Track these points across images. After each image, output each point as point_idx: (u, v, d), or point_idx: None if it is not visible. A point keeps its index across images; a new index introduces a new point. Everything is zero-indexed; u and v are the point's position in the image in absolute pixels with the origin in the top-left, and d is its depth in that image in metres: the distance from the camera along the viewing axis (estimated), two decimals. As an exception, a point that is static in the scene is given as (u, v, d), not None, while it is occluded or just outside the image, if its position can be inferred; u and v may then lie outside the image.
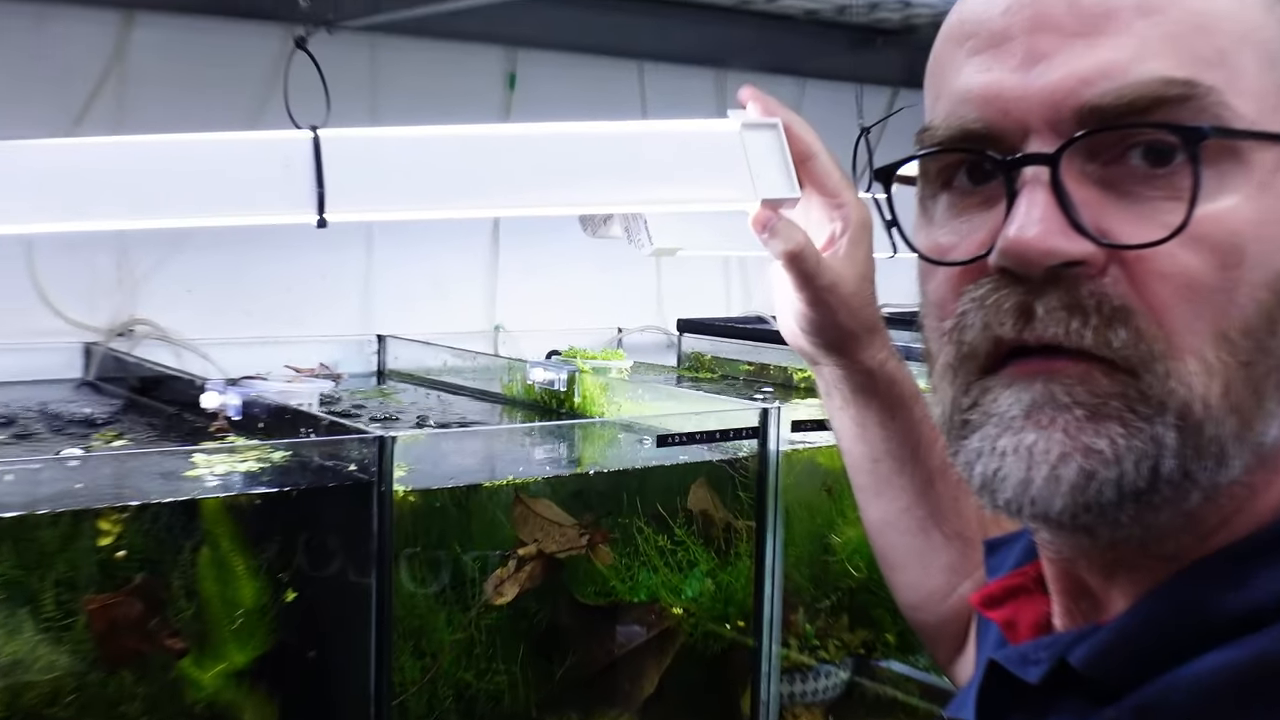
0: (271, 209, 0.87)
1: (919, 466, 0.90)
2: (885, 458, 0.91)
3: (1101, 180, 0.53)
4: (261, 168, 0.87)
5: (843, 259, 0.87)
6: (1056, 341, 0.52)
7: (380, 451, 1.32)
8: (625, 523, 1.66)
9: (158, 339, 2.24)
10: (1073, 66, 0.53)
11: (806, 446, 1.74)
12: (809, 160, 0.89)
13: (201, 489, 1.32)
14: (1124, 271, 0.52)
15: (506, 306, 2.62)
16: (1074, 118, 0.53)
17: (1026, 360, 0.54)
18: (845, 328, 0.87)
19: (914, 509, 0.90)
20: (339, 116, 2.14)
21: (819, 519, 1.83)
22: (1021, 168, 0.53)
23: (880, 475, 0.92)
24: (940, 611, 0.90)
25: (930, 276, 0.59)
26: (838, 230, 0.88)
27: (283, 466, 1.38)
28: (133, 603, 1.30)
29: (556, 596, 1.62)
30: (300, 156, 0.86)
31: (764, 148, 0.92)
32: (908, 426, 0.90)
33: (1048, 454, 0.52)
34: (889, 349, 0.90)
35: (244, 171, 0.87)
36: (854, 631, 1.87)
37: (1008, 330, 0.54)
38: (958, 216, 0.58)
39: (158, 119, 2.17)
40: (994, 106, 0.55)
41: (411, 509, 1.46)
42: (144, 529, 1.32)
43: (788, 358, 2.40)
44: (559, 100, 2.65)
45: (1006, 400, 0.54)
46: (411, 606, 1.47)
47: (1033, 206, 0.52)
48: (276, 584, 1.36)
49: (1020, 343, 0.54)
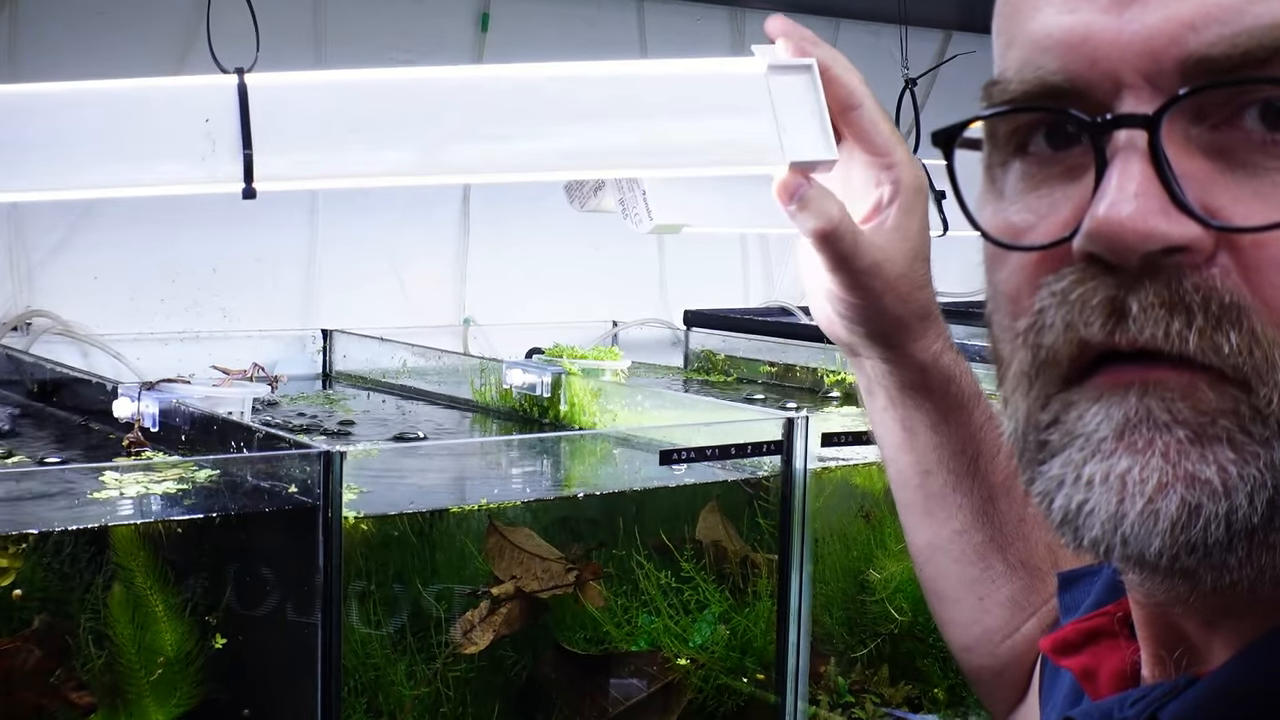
0: (185, 178, 0.85)
1: (978, 481, 0.90)
2: (938, 469, 0.91)
3: (1210, 147, 0.53)
4: (172, 124, 0.85)
5: (890, 232, 0.87)
6: (1154, 346, 0.52)
7: (326, 470, 1.33)
8: (621, 556, 1.68)
9: (59, 334, 2.26)
10: (1175, 7, 0.52)
11: (840, 464, 1.75)
12: (852, 110, 0.89)
13: (113, 514, 1.34)
14: (1236, 260, 0.51)
15: (478, 295, 2.63)
16: (1177, 70, 0.52)
17: (1118, 368, 0.53)
18: (892, 315, 0.87)
19: (970, 532, 0.91)
20: (275, 66, 2.15)
21: (854, 551, 1.84)
22: (1113, 131, 0.53)
23: (931, 491, 0.92)
24: (999, 654, 0.91)
25: (1000, 264, 0.59)
26: (885, 196, 0.88)
27: (210, 487, 1.39)
28: (30, 650, 1.32)
29: (538, 644, 1.63)
30: (222, 109, 0.84)
31: (795, 96, 0.91)
32: (966, 433, 0.90)
33: (1144, 484, 0.51)
34: (945, 340, 0.90)
35: (150, 128, 0.85)
36: (896, 686, 1.88)
37: (1095, 332, 0.53)
38: (1034, 190, 0.58)
39: (56, 64, 2.19)
40: (1079, 55, 0.54)
41: (364, 538, 1.47)
42: (44, 562, 1.34)
43: (818, 357, 2.41)
44: (540, 45, 2.67)
45: (1094, 418, 0.53)
46: (365, 655, 1.48)
47: (1127, 179, 0.52)
48: (203, 627, 1.37)
49: (1111, 347, 0.53)
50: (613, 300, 2.76)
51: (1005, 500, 0.90)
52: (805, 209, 0.85)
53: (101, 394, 1.75)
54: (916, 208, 0.88)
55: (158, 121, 0.85)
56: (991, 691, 0.93)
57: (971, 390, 0.91)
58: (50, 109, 0.84)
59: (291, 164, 0.86)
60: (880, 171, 0.88)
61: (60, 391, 1.91)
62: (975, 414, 0.90)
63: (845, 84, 0.89)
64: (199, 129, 0.84)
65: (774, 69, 0.91)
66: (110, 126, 0.84)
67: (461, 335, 2.64)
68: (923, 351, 0.89)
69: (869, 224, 0.88)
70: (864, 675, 1.87)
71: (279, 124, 0.85)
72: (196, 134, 0.84)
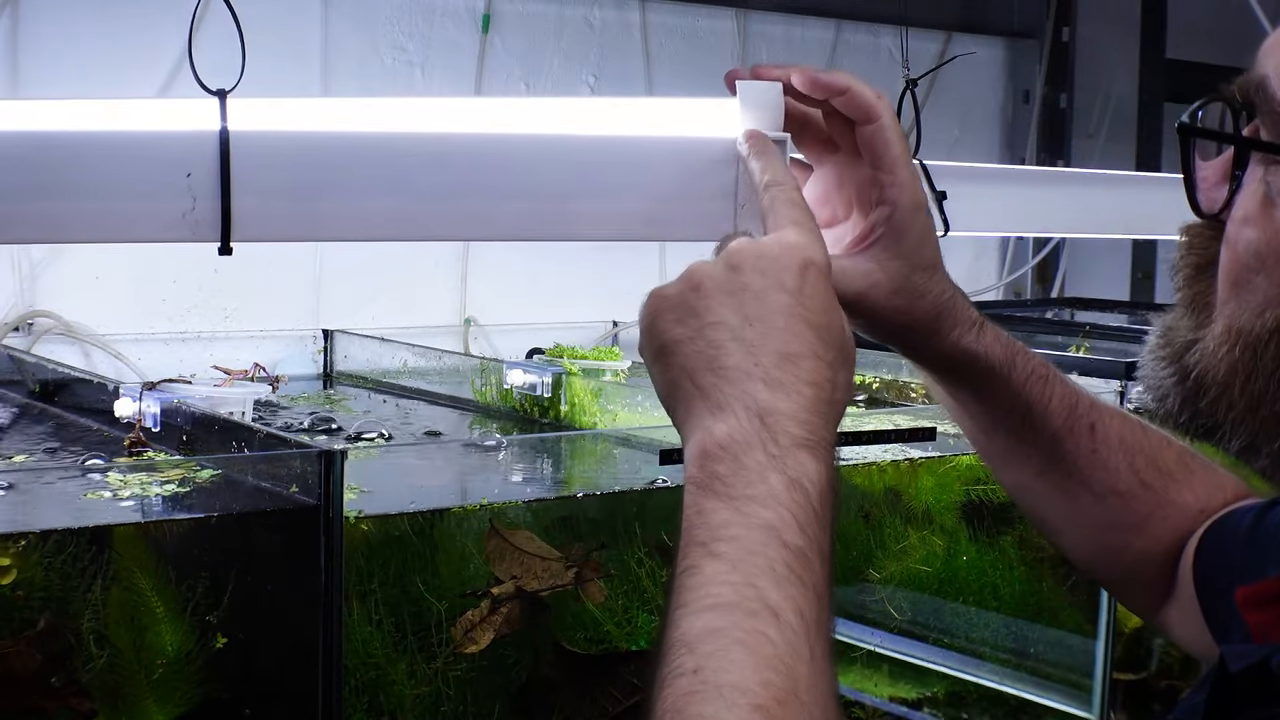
0: (167, 235, 0.87)
1: (1037, 433, 0.96)
2: (997, 430, 0.98)
3: None
4: (155, 177, 0.85)
5: (879, 253, 0.89)
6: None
7: (327, 470, 1.33)
8: (622, 555, 1.67)
9: (61, 334, 2.26)
10: None
11: (840, 464, 1.75)
12: (869, 124, 0.90)
13: (115, 514, 1.34)
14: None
15: (479, 296, 2.63)
16: None
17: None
18: (894, 327, 0.91)
19: (1048, 473, 0.98)
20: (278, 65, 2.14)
21: (854, 551, 1.84)
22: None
23: (999, 446, 0.99)
24: (1122, 566, 0.99)
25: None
26: (881, 216, 0.90)
27: (211, 487, 1.39)
28: (30, 652, 1.32)
29: (539, 644, 1.63)
30: (203, 164, 0.85)
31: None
32: (1008, 396, 0.95)
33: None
34: (964, 325, 0.93)
35: (133, 182, 0.85)
36: (895, 684, 1.88)
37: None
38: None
39: (56, 64, 2.18)
40: None
41: (365, 538, 1.47)
42: (45, 563, 1.34)
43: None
44: (541, 48, 2.67)
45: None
46: (365, 655, 1.48)
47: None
48: (204, 628, 1.37)
49: None
50: (613, 301, 2.76)
51: (1070, 440, 0.96)
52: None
53: (103, 394, 1.75)
54: (913, 225, 0.90)
55: (141, 174, 0.86)
56: (1126, 595, 1.04)
57: (1003, 357, 0.94)
58: (36, 155, 0.84)
59: (270, 222, 0.87)
60: (881, 189, 0.90)
61: (62, 392, 1.91)
62: (1014, 376, 0.95)
63: (866, 99, 0.90)
64: (181, 184, 0.85)
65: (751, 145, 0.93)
66: (94, 179, 0.85)
67: (462, 335, 2.64)
68: (939, 346, 0.93)
69: (858, 248, 0.90)
70: (863, 674, 1.87)
71: (259, 180, 0.86)
72: (179, 189, 0.85)
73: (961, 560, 1.89)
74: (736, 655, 0.62)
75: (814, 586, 0.66)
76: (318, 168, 0.88)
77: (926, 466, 1.85)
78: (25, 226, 0.85)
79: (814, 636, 0.64)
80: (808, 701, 0.62)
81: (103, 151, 0.85)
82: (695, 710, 0.60)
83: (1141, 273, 3.55)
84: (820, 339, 0.74)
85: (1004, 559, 1.92)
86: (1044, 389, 0.96)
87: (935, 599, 1.87)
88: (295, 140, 0.89)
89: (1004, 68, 3.48)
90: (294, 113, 0.90)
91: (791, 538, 0.67)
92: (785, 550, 0.66)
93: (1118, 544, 0.98)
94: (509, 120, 0.94)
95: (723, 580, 0.65)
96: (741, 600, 0.64)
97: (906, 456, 1.83)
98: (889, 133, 0.90)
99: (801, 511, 0.69)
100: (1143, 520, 0.97)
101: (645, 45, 2.81)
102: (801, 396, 0.72)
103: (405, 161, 0.90)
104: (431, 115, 0.92)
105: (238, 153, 0.86)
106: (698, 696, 0.61)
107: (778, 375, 0.72)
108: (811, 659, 0.63)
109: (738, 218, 0.95)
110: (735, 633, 0.63)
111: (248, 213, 0.86)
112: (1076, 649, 1.96)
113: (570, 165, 0.94)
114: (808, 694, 0.62)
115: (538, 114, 0.95)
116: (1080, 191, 2.11)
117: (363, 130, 0.90)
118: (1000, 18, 3.43)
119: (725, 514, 0.68)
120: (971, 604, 1.90)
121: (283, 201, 0.88)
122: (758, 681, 0.61)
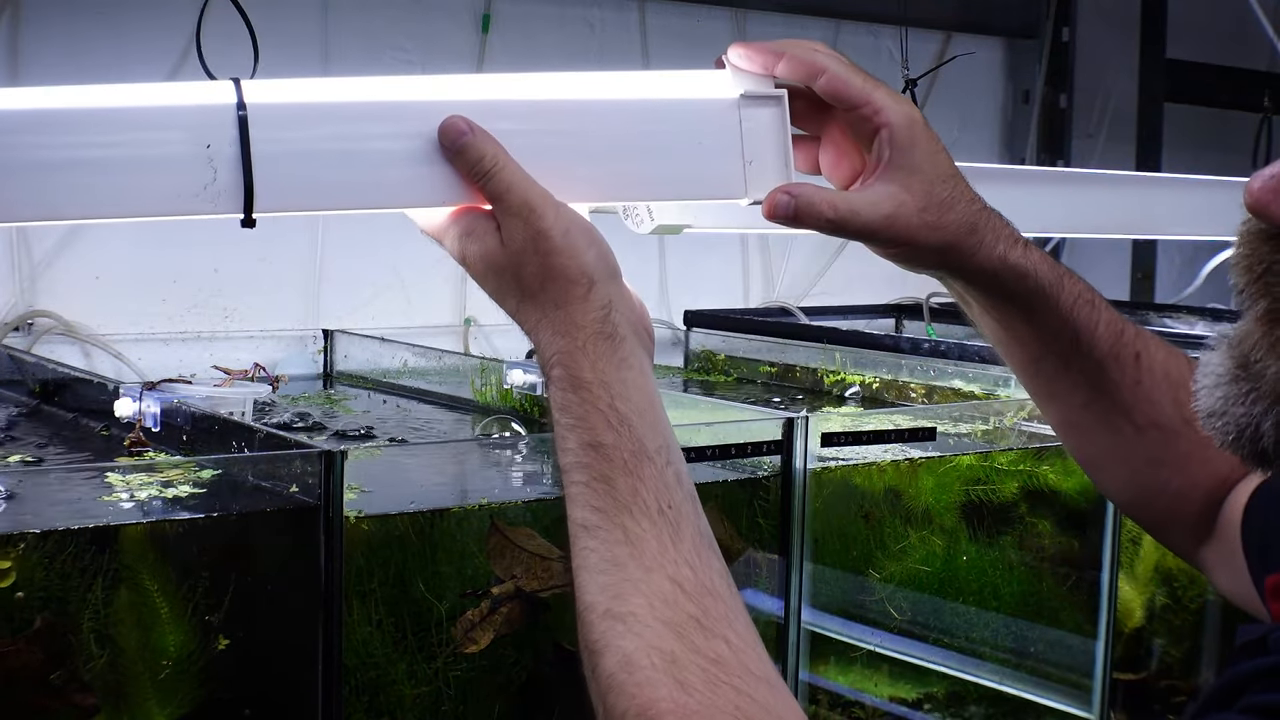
0: (187, 207, 0.86)
1: (1083, 357, 0.96)
2: (1046, 355, 0.98)
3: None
4: (174, 150, 0.85)
5: (894, 172, 0.90)
6: None
7: (327, 469, 1.33)
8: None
9: (61, 334, 2.26)
10: None
11: (840, 464, 1.75)
12: (817, 78, 0.92)
13: (115, 514, 1.34)
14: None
15: (479, 296, 2.62)
16: None
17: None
18: (933, 246, 0.91)
19: (1092, 404, 0.98)
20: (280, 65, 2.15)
21: (855, 551, 1.84)
22: None
23: (1046, 374, 0.99)
24: (1161, 506, 0.99)
25: None
26: (882, 140, 0.91)
27: (211, 487, 1.39)
28: (33, 650, 1.32)
29: (539, 643, 1.63)
30: (222, 135, 0.85)
31: (762, 129, 0.95)
32: (1058, 317, 0.95)
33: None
34: (1007, 239, 0.93)
35: (152, 155, 0.85)
36: (896, 684, 1.88)
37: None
38: None
39: (56, 63, 2.19)
40: None
41: (365, 538, 1.47)
42: (46, 562, 1.34)
43: (818, 357, 2.41)
44: (541, 47, 2.67)
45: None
46: (365, 655, 1.48)
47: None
48: (205, 627, 1.37)
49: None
50: (613, 301, 2.76)
51: (1115, 367, 0.97)
52: (800, 222, 0.90)
53: (103, 394, 1.75)
54: (912, 138, 0.91)
55: (160, 148, 0.85)
56: (1167, 534, 1.03)
57: (1050, 277, 0.95)
58: (52, 130, 0.84)
59: (292, 193, 0.87)
60: (868, 121, 0.91)
61: (62, 391, 1.91)
62: (1063, 297, 0.95)
63: (804, 60, 0.92)
64: (200, 155, 0.85)
65: (746, 99, 0.95)
66: (112, 153, 0.84)
67: (462, 336, 2.64)
68: (986, 260, 0.93)
69: (872, 178, 0.91)
70: (863, 674, 1.87)
71: (279, 153, 0.86)
72: (199, 161, 0.85)
73: (961, 560, 1.89)
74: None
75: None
76: (337, 137, 0.87)
77: (926, 466, 1.85)
78: (42, 204, 0.84)
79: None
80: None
81: (121, 124, 0.84)
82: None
83: (1141, 273, 3.55)
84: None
85: (1004, 559, 1.92)
86: (1091, 313, 0.96)
87: (935, 599, 1.87)
88: (313, 110, 0.88)
89: (1004, 68, 3.48)
90: (308, 89, 0.89)
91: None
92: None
93: (1156, 481, 0.98)
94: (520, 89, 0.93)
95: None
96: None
97: (906, 456, 1.83)
98: (840, 77, 0.91)
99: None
100: (1183, 458, 0.96)
101: (645, 45, 2.81)
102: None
103: (419, 128, 0.89)
104: (443, 87, 0.92)
105: (256, 123, 0.85)
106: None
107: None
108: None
109: (746, 174, 0.95)
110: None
111: (270, 184, 0.86)
112: (1076, 649, 1.96)
113: (580, 130, 0.93)
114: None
115: (544, 83, 0.94)
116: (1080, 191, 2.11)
117: (380, 99, 0.89)
118: (1000, 18, 3.43)
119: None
120: (971, 604, 1.90)
121: (304, 170, 0.87)
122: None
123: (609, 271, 0.87)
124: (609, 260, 0.87)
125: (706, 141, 0.95)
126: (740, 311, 2.83)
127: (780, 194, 0.90)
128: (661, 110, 0.95)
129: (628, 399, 0.83)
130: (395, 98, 0.90)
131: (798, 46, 0.93)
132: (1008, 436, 1.89)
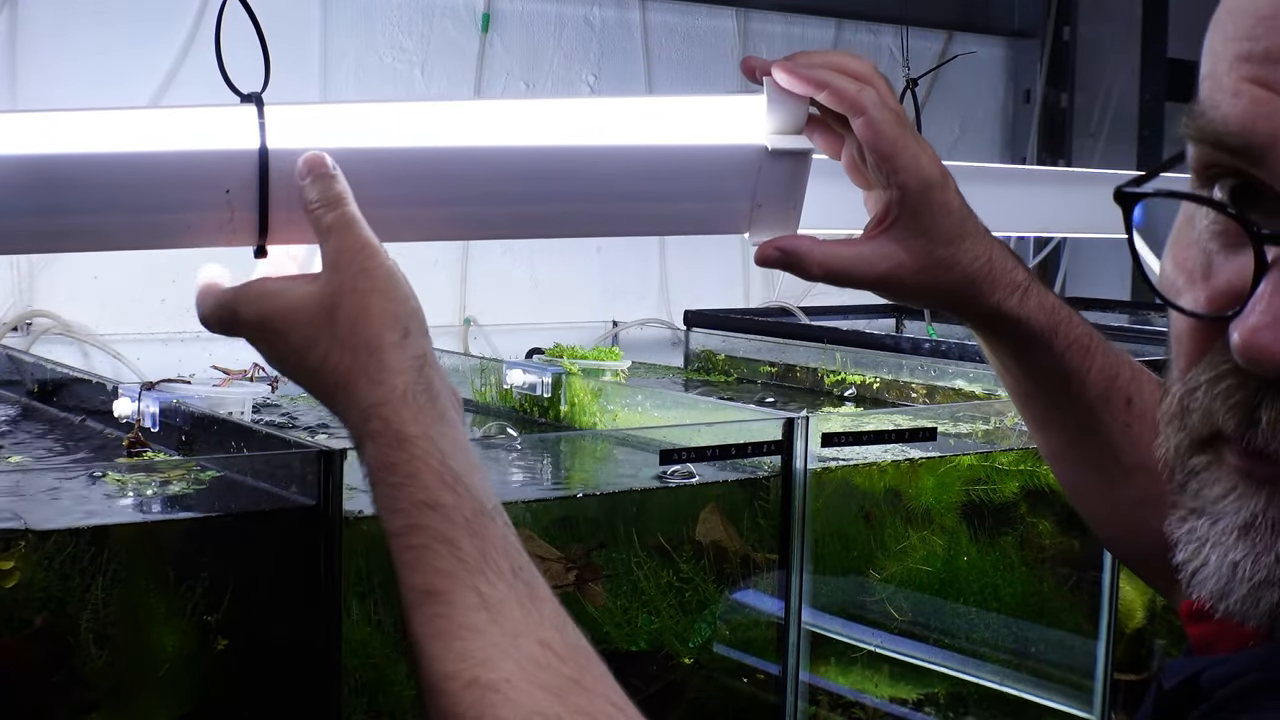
0: (207, 242, 0.91)
1: (1073, 400, 0.97)
2: (1035, 393, 0.99)
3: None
4: (195, 195, 0.89)
5: (898, 235, 0.91)
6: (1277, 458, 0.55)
7: (327, 469, 1.33)
8: (621, 557, 1.68)
9: (59, 334, 2.26)
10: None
11: (840, 465, 1.75)
12: (857, 117, 0.91)
13: (113, 514, 1.34)
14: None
15: (479, 296, 2.64)
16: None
17: (1254, 461, 0.56)
18: (924, 301, 0.96)
19: (1079, 443, 0.99)
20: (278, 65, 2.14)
21: (855, 552, 1.84)
22: (1275, 246, 0.54)
23: (1037, 409, 1.00)
24: (1140, 545, 0.98)
25: (1175, 299, 0.61)
26: (892, 201, 0.92)
27: (210, 487, 1.39)
28: (30, 649, 1.32)
29: (539, 644, 1.63)
30: (242, 182, 0.89)
31: (780, 181, 0.96)
32: (1048, 362, 0.96)
33: (1252, 578, 0.56)
34: (1004, 288, 0.94)
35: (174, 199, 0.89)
36: (896, 685, 1.88)
37: (1230, 429, 0.57)
38: (1218, 236, 0.59)
39: (56, 64, 2.19)
40: (1258, 130, 0.55)
41: (365, 538, 1.47)
42: (44, 562, 1.34)
43: (818, 358, 2.41)
44: (541, 48, 2.67)
45: (1226, 504, 0.58)
46: (365, 656, 1.48)
47: (1276, 298, 0.53)
48: (203, 628, 1.37)
49: (1243, 443, 0.57)
50: (613, 301, 2.77)
51: (1106, 411, 0.97)
52: (792, 271, 0.93)
53: (102, 394, 1.75)
54: (924, 204, 0.91)
55: (182, 193, 0.89)
56: (1144, 574, 1.04)
57: (1045, 324, 0.96)
58: (81, 171, 0.87)
59: (304, 228, 0.90)
60: (886, 175, 0.92)
61: (60, 391, 1.91)
62: (1055, 343, 0.96)
63: (847, 95, 0.91)
64: (220, 199, 0.89)
65: (774, 154, 0.95)
66: (137, 197, 0.88)
67: (462, 336, 2.64)
68: (981, 308, 0.95)
69: (876, 231, 0.92)
70: (864, 675, 1.87)
71: (296, 198, 0.89)
72: (219, 203, 0.89)
73: (962, 560, 1.89)
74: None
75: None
76: (349, 177, 0.90)
77: (926, 466, 1.85)
78: (65, 239, 0.91)
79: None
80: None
81: (145, 171, 0.88)
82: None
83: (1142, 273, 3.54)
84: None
85: (1005, 559, 1.92)
86: (1083, 359, 0.96)
87: (936, 599, 1.87)
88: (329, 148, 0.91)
89: (1004, 67, 3.48)
90: (323, 120, 0.93)
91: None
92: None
93: (1139, 520, 0.97)
94: (537, 127, 0.95)
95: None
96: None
97: (906, 456, 1.83)
98: (874, 126, 0.90)
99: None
100: (1165, 499, 0.96)
101: (645, 44, 2.81)
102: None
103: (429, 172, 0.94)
104: (453, 122, 0.94)
105: (276, 167, 0.89)
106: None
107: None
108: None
109: (753, 215, 0.96)
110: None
111: (283, 220, 0.91)
112: (1077, 649, 1.96)
113: (592, 175, 0.96)
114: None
115: (570, 116, 0.96)
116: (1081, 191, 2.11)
117: (389, 145, 0.93)
118: (1001, 17, 3.43)
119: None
120: (972, 604, 1.90)
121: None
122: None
123: (423, 329, 0.85)
124: (424, 322, 0.86)
125: (724, 184, 0.96)
126: (740, 311, 2.83)
127: (770, 248, 0.93)
128: (686, 160, 0.96)
129: (456, 457, 0.79)
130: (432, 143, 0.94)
131: (843, 77, 0.92)
132: (1008, 436, 1.89)
